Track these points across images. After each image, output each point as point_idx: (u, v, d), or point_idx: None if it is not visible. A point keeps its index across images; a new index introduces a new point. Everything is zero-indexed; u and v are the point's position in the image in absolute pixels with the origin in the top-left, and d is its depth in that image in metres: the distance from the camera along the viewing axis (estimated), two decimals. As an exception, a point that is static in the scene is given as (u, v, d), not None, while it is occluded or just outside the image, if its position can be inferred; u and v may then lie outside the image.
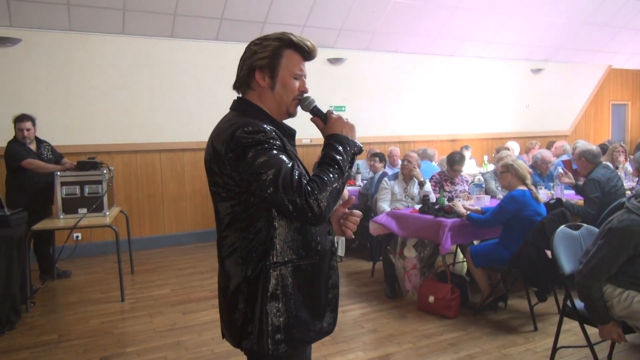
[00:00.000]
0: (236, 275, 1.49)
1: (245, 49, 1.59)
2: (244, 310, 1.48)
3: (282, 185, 1.34)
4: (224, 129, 1.46)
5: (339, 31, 7.37)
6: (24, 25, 5.75)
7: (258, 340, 1.47)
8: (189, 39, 6.62)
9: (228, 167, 1.42)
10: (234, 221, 1.48)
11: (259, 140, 1.40)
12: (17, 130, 4.83)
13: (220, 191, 1.48)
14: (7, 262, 3.86)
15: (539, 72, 9.50)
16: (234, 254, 1.49)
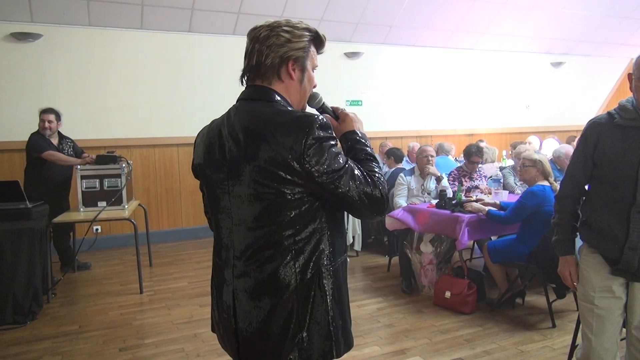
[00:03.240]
0: (287, 283, 1.35)
1: (266, 33, 1.42)
2: (295, 319, 1.35)
3: (360, 179, 1.33)
4: (290, 120, 1.31)
5: (355, 25, 7.34)
6: (45, 21, 5.84)
7: (311, 348, 1.37)
8: (206, 34, 6.66)
9: (302, 166, 1.28)
10: (288, 226, 1.34)
11: (332, 136, 1.33)
12: (40, 120, 4.92)
13: (284, 193, 1.32)
14: (29, 254, 3.94)
15: (559, 66, 9.35)
16: (283, 260, 1.35)
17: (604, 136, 2.05)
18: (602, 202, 2.07)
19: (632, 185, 1.96)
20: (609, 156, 2.02)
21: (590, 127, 2.12)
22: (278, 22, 1.43)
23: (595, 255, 2.12)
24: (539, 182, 3.85)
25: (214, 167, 1.45)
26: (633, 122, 1.99)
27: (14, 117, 5.74)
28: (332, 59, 7.50)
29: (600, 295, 2.09)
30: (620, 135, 2.00)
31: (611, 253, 2.04)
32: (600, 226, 2.07)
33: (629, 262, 1.99)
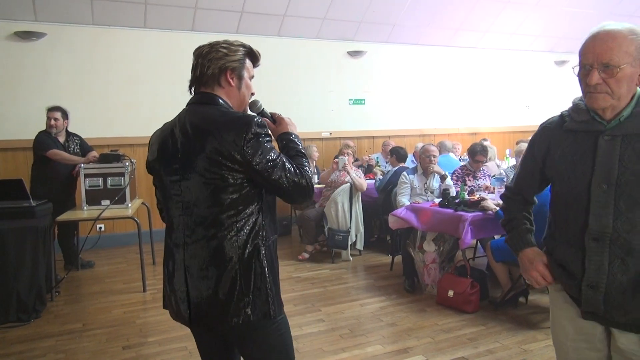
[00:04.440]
0: (230, 256, 1.60)
1: (207, 50, 1.72)
2: (238, 287, 1.60)
3: (290, 170, 1.61)
4: (228, 119, 1.60)
5: (358, 24, 7.33)
6: (49, 20, 5.86)
7: (255, 311, 1.61)
8: (209, 32, 6.65)
9: (243, 156, 1.54)
10: (230, 207, 1.60)
11: (267, 133, 1.61)
12: (47, 118, 4.94)
13: (226, 179, 1.57)
14: (33, 253, 3.95)
15: (563, 64, 9.32)
16: (227, 236, 1.60)
17: (553, 144, 1.65)
18: (559, 227, 1.67)
19: (584, 205, 1.54)
20: (559, 169, 1.62)
21: (539, 133, 1.73)
22: (217, 41, 1.74)
23: (564, 294, 1.67)
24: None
25: (166, 161, 1.69)
26: (585, 124, 1.58)
27: (18, 115, 5.76)
28: (335, 57, 7.50)
29: (575, 345, 1.66)
30: (572, 142, 1.60)
31: (573, 291, 1.61)
32: (558, 257, 1.65)
33: (591, 303, 1.54)
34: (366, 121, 7.83)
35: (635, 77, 1.49)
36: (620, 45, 1.45)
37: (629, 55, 1.45)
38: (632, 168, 1.47)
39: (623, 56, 1.44)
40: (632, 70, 1.47)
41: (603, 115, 1.54)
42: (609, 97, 1.49)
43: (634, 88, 1.51)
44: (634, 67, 1.47)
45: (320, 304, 4.18)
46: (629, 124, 1.49)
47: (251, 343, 1.69)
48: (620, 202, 1.48)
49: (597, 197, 1.51)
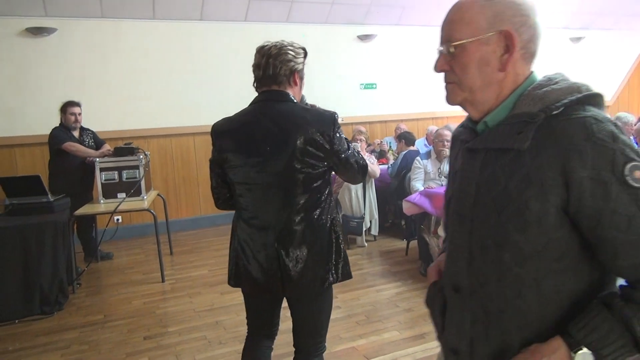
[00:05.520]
0: (318, 232, 1.91)
1: (276, 51, 1.90)
2: (327, 257, 1.94)
3: (356, 155, 1.97)
4: (318, 115, 1.90)
5: (368, 7, 7.24)
6: (59, 15, 5.88)
7: (337, 273, 1.96)
8: (218, 21, 6.64)
9: (331, 145, 1.86)
10: (316, 191, 1.90)
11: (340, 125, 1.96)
12: (69, 114, 4.99)
13: (317, 167, 1.87)
14: (53, 247, 4.03)
15: (578, 41, 9.13)
16: (314, 216, 1.90)
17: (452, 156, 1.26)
18: None
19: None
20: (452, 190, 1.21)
21: (451, 142, 1.31)
22: (282, 44, 1.92)
23: None
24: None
25: (249, 151, 1.88)
26: (462, 130, 1.21)
27: (33, 111, 5.83)
28: (346, 42, 7.44)
29: None
30: (456, 154, 1.22)
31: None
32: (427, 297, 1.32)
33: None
34: (378, 105, 7.78)
35: (493, 60, 1.03)
36: (462, 16, 1.05)
37: (475, 28, 1.03)
38: (488, 197, 1.03)
39: (465, 29, 1.04)
40: (485, 49, 1.03)
41: (472, 116, 1.13)
42: (457, 88, 1.09)
43: (498, 77, 1.04)
44: (489, 45, 1.03)
45: (336, 290, 4.15)
46: (494, 134, 1.04)
47: (313, 304, 2.00)
48: (473, 241, 1.06)
49: (453, 232, 1.14)
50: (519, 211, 0.98)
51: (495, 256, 1.02)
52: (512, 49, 1.03)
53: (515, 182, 0.99)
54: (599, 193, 0.93)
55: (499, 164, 1.02)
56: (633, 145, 0.96)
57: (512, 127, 1.01)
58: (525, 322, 1.02)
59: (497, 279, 1.03)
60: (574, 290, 1.00)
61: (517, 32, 1.03)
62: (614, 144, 0.94)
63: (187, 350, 3.30)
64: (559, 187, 0.95)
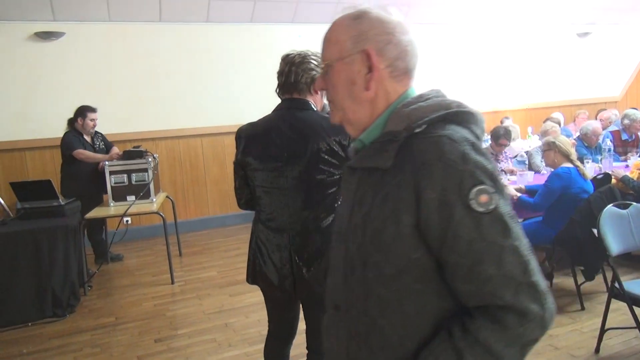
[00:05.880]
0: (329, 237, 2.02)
1: (299, 59, 1.97)
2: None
3: None
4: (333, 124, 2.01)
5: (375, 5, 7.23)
6: (67, 19, 5.92)
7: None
8: (224, 23, 6.66)
9: (345, 153, 1.90)
10: (330, 197, 1.97)
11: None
12: (89, 120, 5.07)
13: (332, 174, 1.93)
14: (64, 250, 4.09)
15: (585, 36, 9.06)
16: (326, 222, 1.97)
17: None
18: None
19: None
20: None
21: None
22: (306, 52, 1.99)
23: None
24: (563, 165, 3.80)
25: (270, 157, 1.95)
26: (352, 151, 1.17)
27: (43, 115, 5.89)
28: (351, 41, 7.43)
29: None
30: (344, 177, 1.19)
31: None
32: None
33: None
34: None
35: (359, 80, 1.03)
36: (331, 35, 1.07)
37: (340, 48, 1.04)
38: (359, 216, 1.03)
39: (333, 49, 1.06)
40: (350, 68, 1.04)
41: (351, 135, 1.14)
42: (334, 107, 1.10)
43: (367, 96, 1.04)
44: (353, 64, 1.03)
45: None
46: (367, 153, 1.05)
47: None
48: (347, 260, 1.07)
49: (332, 249, 1.15)
50: (378, 231, 0.98)
51: (362, 275, 1.02)
52: (373, 68, 1.03)
53: (377, 201, 0.99)
54: (445, 215, 0.91)
55: (368, 183, 1.03)
56: (486, 167, 0.93)
57: (380, 146, 1.01)
58: (388, 344, 1.00)
59: (364, 298, 1.02)
60: (436, 312, 0.98)
61: (380, 51, 1.02)
62: (464, 165, 0.91)
63: (196, 353, 3.34)
64: (412, 207, 0.94)
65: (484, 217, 0.90)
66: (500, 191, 0.93)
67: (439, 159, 0.92)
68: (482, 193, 0.91)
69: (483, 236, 0.90)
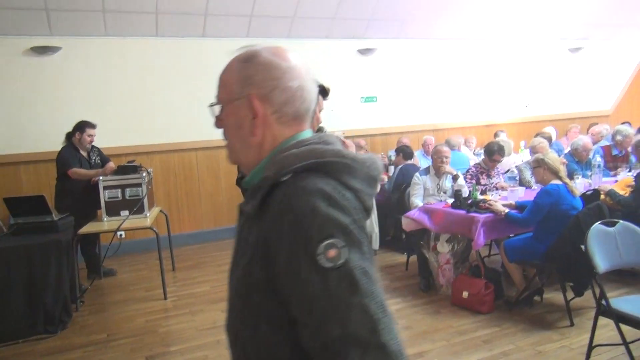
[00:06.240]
0: None
1: None
2: None
3: None
4: None
5: (368, 21, 7.32)
6: (63, 34, 5.98)
7: None
8: (220, 38, 6.72)
9: None
10: None
11: None
12: (87, 136, 5.10)
13: None
14: (57, 266, 4.09)
15: (577, 51, 9.18)
16: None
17: None
18: None
19: None
20: None
21: None
22: None
23: None
24: (552, 181, 3.84)
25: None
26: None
27: (38, 129, 5.92)
28: (346, 56, 7.51)
29: None
30: None
31: None
32: None
33: None
34: (379, 119, 7.84)
35: (246, 124, 1.02)
36: (222, 77, 1.08)
37: (229, 91, 1.05)
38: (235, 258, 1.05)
39: (223, 91, 1.07)
40: (238, 112, 1.03)
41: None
42: (228, 149, 1.11)
43: (254, 140, 1.03)
44: (240, 109, 1.03)
45: (337, 307, 4.24)
46: (246, 196, 1.04)
47: None
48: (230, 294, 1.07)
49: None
50: (238, 278, 0.99)
51: (231, 317, 1.04)
52: (256, 115, 1.01)
53: (242, 248, 1.00)
54: (292, 271, 0.87)
55: (244, 227, 1.02)
56: (339, 220, 0.88)
57: (252, 192, 0.99)
58: None
59: (234, 339, 1.03)
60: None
61: (265, 96, 1.01)
62: (313, 218, 0.87)
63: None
64: (264, 259, 0.92)
65: (331, 273, 0.85)
66: (353, 245, 0.87)
67: (289, 211, 0.89)
68: (330, 248, 0.86)
69: (329, 293, 0.85)
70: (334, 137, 1.04)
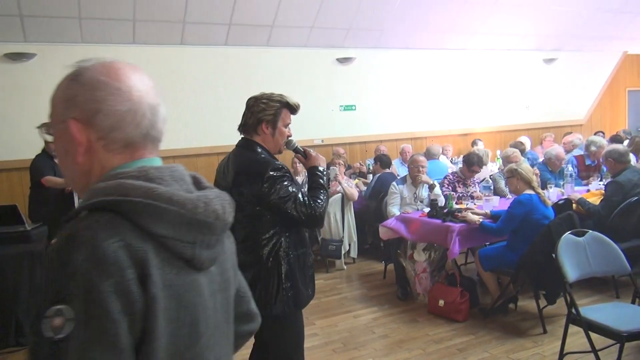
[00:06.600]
0: (253, 267, 2.10)
1: (252, 102, 2.23)
2: (262, 290, 2.11)
3: (300, 206, 2.09)
4: (253, 164, 2.14)
5: (347, 31, 7.38)
6: (38, 40, 5.90)
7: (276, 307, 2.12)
8: (199, 45, 6.71)
9: (260, 193, 2.07)
10: (253, 229, 2.11)
11: (280, 175, 2.10)
12: (49, 142, 5.00)
13: (246, 207, 2.10)
14: (30, 276, 4.01)
15: (551, 62, 9.38)
16: (252, 252, 2.11)
17: None
18: None
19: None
20: None
21: None
22: (262, 95, 2.22)
23: None
24: (525, 191, 3.92)
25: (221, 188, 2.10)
26: None
27: (12, 137, 5.81)
28: (325, 65, 7.55)
29: None
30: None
31: None
32: None
33: None
34: (358, 127, 7.90)
35: (71, 150, 0.90)
36: (52, 95, 0.96)
37: (56, 113, 0.93)
38: None
39: (52, 112, 0.95)
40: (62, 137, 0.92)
41: None
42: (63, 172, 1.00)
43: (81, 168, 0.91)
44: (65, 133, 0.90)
45: (315, 317, 4.25)
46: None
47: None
48: None
49: None
50: None
51: None
52: (77, 141, 0.88)
53: None
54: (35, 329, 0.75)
55: None
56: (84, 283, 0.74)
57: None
58: None
59: None
60: None
61: (88, 120, 0.88)
62: (59, 271, 0.75)
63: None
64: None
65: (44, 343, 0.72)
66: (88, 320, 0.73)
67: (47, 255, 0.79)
68: (58, 314, 0.73)
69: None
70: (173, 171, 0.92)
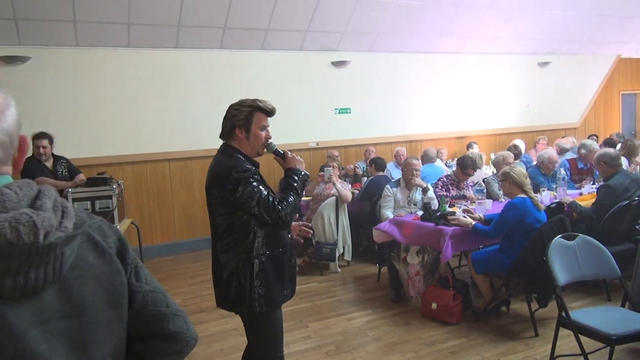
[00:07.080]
0: (230, 265, 2.26)
1: (227, 111, 2.36)
2: (237, 287, 2.27)
3: (263, 207, 2.18)
4: (221, 167, 2.25)
5: (342, 34, 7.42)
6: (33, 43, 5.90)
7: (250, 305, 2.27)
8: (193, 49, 6.72)
9: (227, 194, 2.19)
10: (228, 228, 2.25)
11: (246, 177, 2.19)
12: (34, 147, 5.00)
13: (218, 208, 2.26)
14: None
15: (545, 66, 9.43)
16: (228, 250, 2.26)
17: None
18: None
19: None
20: None
21: None
22: (234, 103, 2.35)
23: None
24: (518, 195, 3.95)
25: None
26: None
27: (6, 139, 5.81)
28: (320, 68, 7.58)
29: None
30: None
31: None
32: None
33: None
34: (353, 130, 7.93)
35: None
36: None
37: None
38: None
39: None
40: None
41: None
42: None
43: None
44: None
45: (308, 319, 4.27)
46: None
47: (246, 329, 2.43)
48: None
49: None
50: None
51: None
52: None
53: None
54: None
55: None
56: None
57: None
58: None
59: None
60: None
61: None
62: None
63: (157, 385, 3.31)
64: None
65: None
66: None
67: None
68: None
69: None
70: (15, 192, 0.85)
